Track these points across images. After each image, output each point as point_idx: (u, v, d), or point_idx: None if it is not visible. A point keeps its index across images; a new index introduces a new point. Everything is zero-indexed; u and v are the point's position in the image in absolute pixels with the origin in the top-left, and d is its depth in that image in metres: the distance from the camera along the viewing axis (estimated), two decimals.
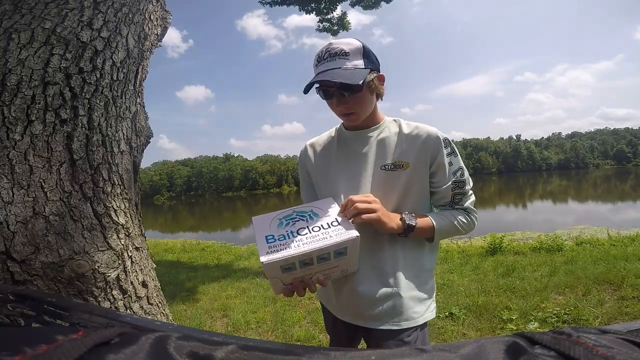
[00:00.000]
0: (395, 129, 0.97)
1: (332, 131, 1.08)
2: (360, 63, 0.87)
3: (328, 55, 0.87)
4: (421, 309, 0.92)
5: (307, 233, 0.76)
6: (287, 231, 0.77)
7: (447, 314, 2.77)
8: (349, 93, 0.87)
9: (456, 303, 2.96)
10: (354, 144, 0.98)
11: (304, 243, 0.73)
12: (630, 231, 5.83)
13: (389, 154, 0.94)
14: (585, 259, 3.87)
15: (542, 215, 14.53)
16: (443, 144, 0.91)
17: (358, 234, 0.75)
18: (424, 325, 0.93)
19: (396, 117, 1.01)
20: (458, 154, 0.95)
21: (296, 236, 0.75)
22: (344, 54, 0.86)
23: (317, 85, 0.90)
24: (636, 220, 9.28)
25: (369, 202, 0.83)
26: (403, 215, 0.88)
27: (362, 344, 1.11)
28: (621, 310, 2.51)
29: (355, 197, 0.83)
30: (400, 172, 0.92)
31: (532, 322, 2.47)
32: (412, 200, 0.94)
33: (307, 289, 0.80)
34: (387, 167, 0.92)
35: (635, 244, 4.58)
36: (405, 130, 0.95)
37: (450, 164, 0.93)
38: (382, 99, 0.98)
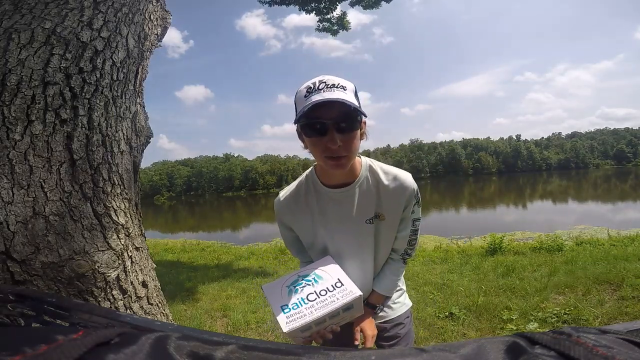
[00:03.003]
0: (372, 180, 0.97)
1: (305, 186, 1.01)
2: (355, 102, 0.82)
3: (324, 86, 0.79)
4: (401, 300, 1.14)
5: (315, 298, 0.85)
6: (298, 299, 0.86)
7: (447, 314, 2.77)
8: (349, 128, 0.81)
9: (456, 303, 2.96)
10: (338, 203, 0.97)
11: (316, 309, 0.82)
12: (630, 231, 5.83)
13: (370, 207, 0.97)
14: (585, 259, 3.87)
15: (542, 215, 14.53)
16: (415, 198, 0.98)
17: (361, 293, 0.85)
18: (408, 311, 1.15)
19: (370, 160, 0.99)
20: (420, 203, 1.02)
21: (307, 303, 0.84)
22: (342, 87, 0.80)
23: (305, 121, 0.81)
24: (636, 220, 9.28)
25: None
26: (378, 312, 1.07)
27: None
28: (621, 310, 2.51)
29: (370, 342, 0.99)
30: (377, 222, 0.98)
31: (532, 322, 2.47)
32: (385, 246, 1.03)
33: (323, 337, 0.87)
34: (370, 220, 0.97)
35: (635, 244, 4.58)
36: (384, 181, 0.96)
37: (413, 212, 1.00)
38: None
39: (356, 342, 1.00)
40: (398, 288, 1.13)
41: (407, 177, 0.97)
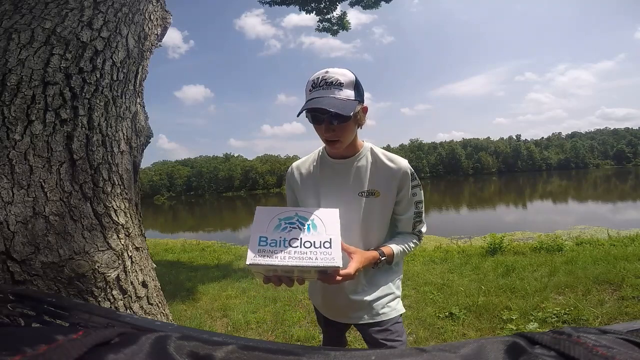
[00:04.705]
0: (371, 158, 1.08)
1: (315, 156, 1.17)
2: (351, 94, 0.94)
3: (324, 83, 0.94)
4: (392, 305, 1.13)
5: (297, 246, 0.80)
6: (280, 237, 0.81)
7: (447, 314, 2.77)
8: (338, 122, 0.94)
9: (456, 303, 2.96)
10: (337, 172, 1.10)
11: (291, 257, 0.78)
12: (630, 231, 5.83)
13: (364, 181, 1.06)
14: (585, 259, 3.87)
15: (542, 215, 14.53)
16: (410, 178, 1.06)
17: (341, 265, 0.79)
18: (399, 316, 1.14)
19: (373, 145, 1.12)
20: (421, 187, 1.09)
21: (287, 247, 0.79)
22: (338, 84, 0.93)
23: (308, 109, 0.95)
24: (636, 220, 9.28)
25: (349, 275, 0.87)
26: (382, 258, 1.02)
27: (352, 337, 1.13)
28: (621, 310, 2.51)
29: (342, 274, 0.84)
30: (372, 199, 1.06)
31: (532, 322, 2.47)
32: (378, 223, 1.08)
33: (283, 282, 0.86)
34: (363, 193, 1.06)
35: (635, 244, 4.57)
36: (382, 160, 1.07)
37: (414, 194, 1.08)
38: (361, 128, 1.07)
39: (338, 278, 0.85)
40: (391, 292, 1.13)
41: (402, 160, 1.08)
